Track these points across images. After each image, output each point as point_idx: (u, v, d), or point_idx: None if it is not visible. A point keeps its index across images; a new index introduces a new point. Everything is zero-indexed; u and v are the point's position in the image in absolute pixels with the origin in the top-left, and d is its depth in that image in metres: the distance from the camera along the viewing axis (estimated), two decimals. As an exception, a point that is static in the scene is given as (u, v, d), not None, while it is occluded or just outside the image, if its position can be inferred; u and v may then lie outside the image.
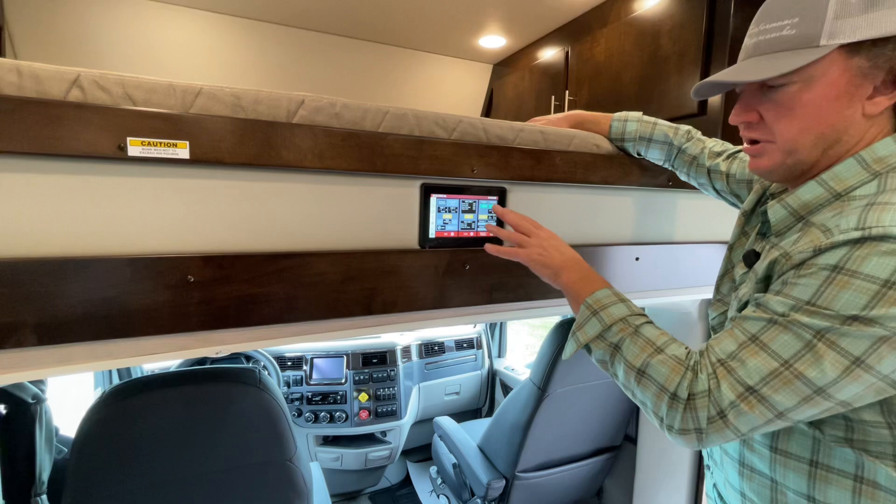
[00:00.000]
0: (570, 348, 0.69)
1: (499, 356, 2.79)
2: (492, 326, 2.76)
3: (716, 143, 0.96)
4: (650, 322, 0.66)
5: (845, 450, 0.56)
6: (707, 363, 0.56)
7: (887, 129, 0.58)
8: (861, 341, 0.48)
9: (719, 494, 0.74)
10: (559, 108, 2.20)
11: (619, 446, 1.75)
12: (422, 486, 2.37)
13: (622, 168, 1.05)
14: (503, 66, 2.84)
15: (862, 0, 0.53)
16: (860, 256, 0.49)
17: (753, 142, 0.63)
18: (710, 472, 0.77)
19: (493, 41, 2.56)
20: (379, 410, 2.17)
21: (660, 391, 0.57)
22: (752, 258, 0.66)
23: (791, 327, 0.52)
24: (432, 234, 0.89)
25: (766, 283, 0.60)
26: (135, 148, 0.64)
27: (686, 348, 0.61)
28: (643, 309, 0.68)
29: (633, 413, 1.70)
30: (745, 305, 0.63)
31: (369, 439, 2.21)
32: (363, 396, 2.15)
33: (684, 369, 0.57)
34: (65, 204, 0.64)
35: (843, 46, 0.54)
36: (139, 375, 1.88)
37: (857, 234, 0.49)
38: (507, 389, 2.55)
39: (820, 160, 0.59)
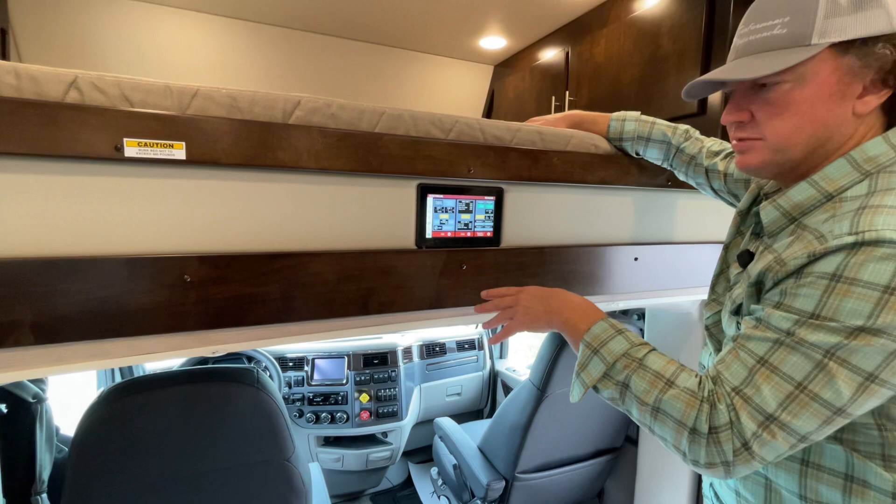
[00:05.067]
0: (577, 392, 0.67)
1: (500, 357, 2.79)
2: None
3: (714, 143, 0.96)
4: (653, 350, 0.63)
5: (835, 448, 0.56)
6: (723, 393, 0.54)
7: (876, 128, 0.58)
8: (872, 356, 0.48)
9: (715, 494, 0.73)
10: (560, 109, 2.20)
11: (619, 448, 1.74)
12: (423, 487, 2.37)
13: (621, 168, 1.05)
14: (504, 66, 2.84)
15: (851, 1, 0.53)
16: (857, 263, 0.48)
17: (741, 139, 0.63)
18: (707, 473, 0.77)
19: (494, 42, 2.57)
20: (380, 411, 2.17)
21: (678, 426, 0.55)
22: (746, 258, 0.66)
23: (799, 347, 0.51)
24: (429, 234, 0.89)
25: (757, 287, 0.59)
26: (131, 149, 0.64)
27: (696, 376, 0.58)
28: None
29: (633, 414, 1.69)
30: (738, 307, 0.63)
31: (370, 440, 2.21)
32: (364, 397, 2.16)
33: (699, 402, 0.55)
34: (62, 204, 0.64)
35: (833, 45, 0.54)
36: (141, 375, 1.89)
37: (851, 240, 0.49)
38: (508, 391, 2.55)
39: (809, 158, 0.59)
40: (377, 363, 2.23)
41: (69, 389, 2.11)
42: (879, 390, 0.48)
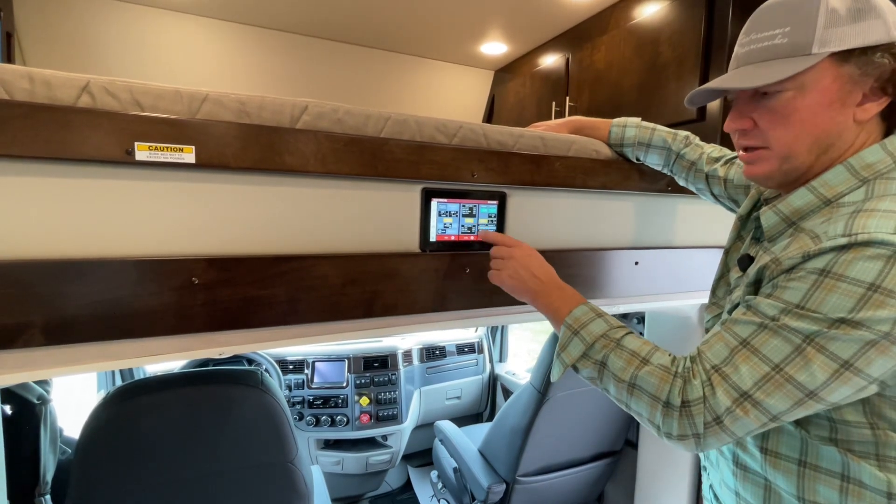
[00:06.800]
0: (556, 370, 0.70)
1: (500, 361, 2.79)
2: (493, 331, 2.76)
3: (714, 149, 0.97)
4: (630, 333, 0.67)
5: (831, 450, 0.57)
6: (700, 370, 0.57)
7: (876, 135, 0.60)
8: (849, 345, 0.49)
9: (715, 495, 0.74)
10: (560, 114, 2.22)
11: (619, 451, 1.75)
12: (423, 491, 2.37)
13: (621, 173, 1.06)
14: (504, 72, 2.86)
15: (849, 11, 0.55)
16: (846, 261, 0.50)
17: (748, 149, 0.64)
18: (707, 474, 0.78)
19: (495, 48, 2.59)
20: (380, 414, 2.17)
21: (653, 401, 0.58)
22: (746, 262, 0.67)
23: (781, 332, 0.53)
24: (433, 237, 0.90)
25: (755, 286, 0.61)
26: (142, 152, 0.65)
27: (670, 355, 0.62)
28: (624, 320, 0.69)
29: (633, 418, 1.70)
30: (737, 307, 0.64)
31: (370, 443, 2.21)
32: (364, 400, 2.16)
33: (672, 377, 0.58)
34: (73, 207, 0.65)
35: (833, 55, 0.56)
36: (141, 377, 1.89)
37: (843, 241, 0.51)
38: (508, 394, 2.55)
39: (814, 166, 0.61)
40: (377, 366, 2.23)
41: (69, 391, 2.11)
42: (853, 378, 0.50)
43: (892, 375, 0.51)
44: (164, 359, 0.74)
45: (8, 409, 0.99)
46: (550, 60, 2.40)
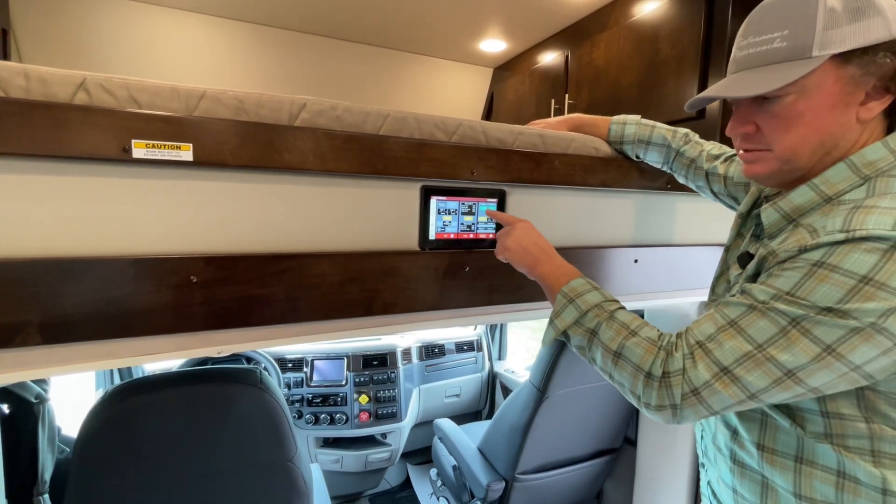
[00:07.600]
0: (548, 335, 0.72)
1: (499, 359, 2.79)
2: (492, 329, 2.76)
3: (713, 147, 0.97)
4: (623, 307, 0.68)
5: (826, 447, 0.57)
6: (683, 344, 0.58)
7: (878, 133, 0.59)
8: (834, 331, 0.50)
9: (713, 492, 0.75)
10: (559, 112, 2.22)
11: (618, 448, 1.75)
12: (422, 489, 2.37)
13: (621, 171, 1.06)
14: (503, 69, 2.86)
15: (849, 11, 0.54)
16: (842, 253, 0.50)
17: (748, 150, 0.64)
18: (705, 470, 0.78)
19: (494, 45, 2.58)
20: (379, 412, 2.17)
21: (636, 371, 0.59)
22: (746, 260, 0.67)
23: (769, 314, 0.53)
24: (432, 235, 0.90)
25: (754, 279, 0.61)
26: (139, 150, 0.65)
27: (657, 330, 0.63)
28: (620, 304, 0.69)
29: (632, 415, 1.71)
30: None
31: (369, 441, 2.21)
32: (363, 398, 2.16)
33: (657, 349, 0.60)
34: (70, 205, 0.65)
35: (834, 56, 0.55)
36: (140, 376, 1.89)
37: (841, 237, 0.51)
38: (507, 392, 2.56)
39: (816, 166, 0.60)
40: (376, 364, 2.23)
41: (67, 390, 2.11)
42: (834, 363, 0.50)
43: (880, 370, 0.51)
44: (162, 357, 0.74)
45: (6, 408, 0.99)
46: (550, 58, 2.39)
